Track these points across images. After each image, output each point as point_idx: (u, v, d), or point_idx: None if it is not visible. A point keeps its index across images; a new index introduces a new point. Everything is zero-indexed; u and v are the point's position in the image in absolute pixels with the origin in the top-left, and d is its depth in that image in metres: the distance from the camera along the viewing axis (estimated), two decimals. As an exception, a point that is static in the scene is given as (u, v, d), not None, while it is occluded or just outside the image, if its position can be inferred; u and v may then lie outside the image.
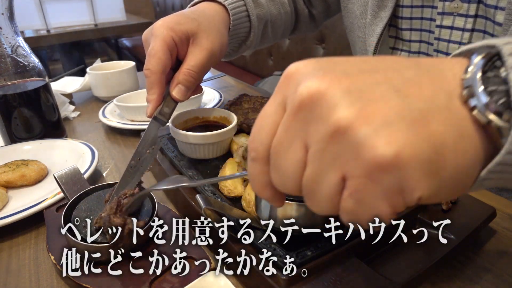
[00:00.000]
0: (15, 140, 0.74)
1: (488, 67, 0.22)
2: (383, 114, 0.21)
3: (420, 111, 0.21)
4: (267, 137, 0.25)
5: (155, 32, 0.51)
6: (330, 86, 0.22)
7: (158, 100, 0.51)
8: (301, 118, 0.23)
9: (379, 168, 0.21)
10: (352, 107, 0.21)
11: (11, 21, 0.68)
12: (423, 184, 0.21)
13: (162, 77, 0.51)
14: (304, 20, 0.82)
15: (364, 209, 0.23)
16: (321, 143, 0.22)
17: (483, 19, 0.54)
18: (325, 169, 0.23)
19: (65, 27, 2.62)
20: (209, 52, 0.53)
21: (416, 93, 0.22)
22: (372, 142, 0.20)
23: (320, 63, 0.24)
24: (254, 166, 0.27)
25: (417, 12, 0.62)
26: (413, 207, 0.44)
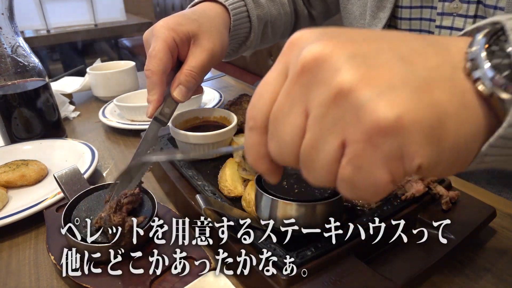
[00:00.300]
0: (15, 140, 0.74)
1: (493, 41, 0.22)
2: (387, 78, 0.21)
3: (424, 79, 0.21)
4: (267, 105, 0.25)
5: (156, 33, 0.51)
6: (334, 50, 0.22)
7: (159, 101, 0.51)
8: (303, 82, 0.23)
9: (380, 132, 0.20)
10: (356, 70, 0.21)
11: (11, 21, 0.68)
12: (424, 151, 0.21)
13: (163, 78, 0.50)
14: (303, 21, 0.83)
15: (363, 176, 0.22)
16: (322, 107, 0.22)
17: (483, 19, 0.54)
18: (324, 135, 0.22)
19: (65, 27, 2.62)
20: (210, 52, 0.53)
21: (421, 62, 0.22)
22: (374, 105, 0.20)
23: (325, 31, 0.24)
24: (251, 136, 0.26)
25: (416, 13, 0.62)
26: (413, 208, 0.44)
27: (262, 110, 0.25)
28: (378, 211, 0.43)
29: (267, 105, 0.25)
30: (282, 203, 0.39)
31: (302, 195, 0.39)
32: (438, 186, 0.46)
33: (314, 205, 0.39)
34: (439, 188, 0.46)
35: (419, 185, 0.45)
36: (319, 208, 0.39)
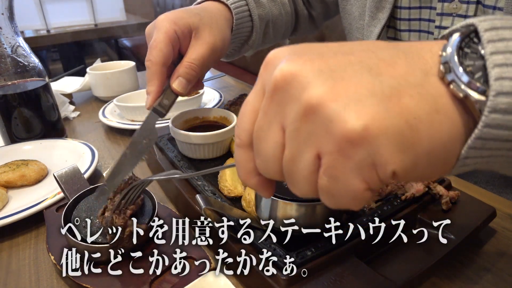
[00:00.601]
0: (15, 140, 0.74)
1: (466, 43, 0.22)
2: (354, 91, 0.21)
3: (391, 88, 0.21)
4: (249, 123, 0.26)
5: (158, 25, 0.51)
6: (303, 67, 0.23)
7: (157, 92, 0.51)
8: (277, 101, 0.24)
9: (349, 143, 0.21)
10: (323, 85, 0.22)
11: (11, 21, 0.68)
12: (395, 158, 0.21)
13: (163, 69, 0.50)
14: (304, 21, 0.83)
15: (339, 186, 0.23)
16: (295, 122, 0.23)
17: None
18: (300, 148, 0.23)
19: (65, 27, 2.62)
20: (211, 46, 0.53)
21: (389, 71, 0.22)
22: (342, 117, 0.21)
23: (296, 48, 0.25)
24: (239, 153, 0.27)
25: (415, 13, 0.62)
26: (413, 208, 0.44)
27: (245, 128, 0.26)
28: (378, 211, 0.43)
29: (249, 123, 0.26)
30: (282, 203, 0.39)
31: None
32: (438, 186, 0.46)
33: (314, 205, 0.39)
34: (439, 188, 0.46)
35: (419, 185, 0.45)
36: (319, 208, 0.39)
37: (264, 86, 0.25)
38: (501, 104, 0.20)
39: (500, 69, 0.20)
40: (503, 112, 0.20)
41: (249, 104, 0.27)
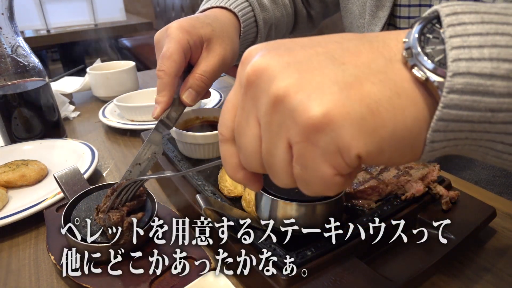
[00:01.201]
0: (15, 140, 0.74)
1: (428, 29, 0.23)
2: (317, 81, 0.22)
3: (354, 76, 0.22)
4: (230, 119, 0.27)
5: (170, 34, 0.50)
6: (271, 61, 0.24)
7: (168, 103, 0.50)
8: (251, 95, 0.25)
9: (312, 129, 0.22)
10: (289, 77, 0.23)
11: (11, 21, 0.68)
12: (358, 142, 0.22)
13: (175, 80, 0.50)
14: (302, 21, 0.83)
15: (310, 173, 0.24)
16: (266, 115, 0.24)
17: None
18: (274, 140, 0.24)
19: (65, 27, 2.62)
20: (222, 58, 0.53)
21: (353, 61, 0.23)
22: (305, 105, 0.22)
23: (268, 44, 0.26)
24: (224, 149, 0.28)
25: (414, 11, 0.63)
26: (413, 208, 0.44)
27: (226, 124, 0.28)
28: (378, 211, 0.43)
29: (230, 120, 0.27)
30: (282, 203, 0.39)
31: (302, 195, 0.39)
32: (438, 186, 0.46)
33: (314, 205, 0.39)
34: (439, 188, 0.46)
35: (419, 185, 0.45)
36: (319, 208, 0.39)
37: (241, 83, 0.26)
38: (458, 84, 0.21)
39: (457, 51, 0.21)
40: (460, 92, 0.21)
41: (229, 101, 0.28)
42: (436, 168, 0.47)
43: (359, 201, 0.46)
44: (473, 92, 0.21)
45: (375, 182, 0.46)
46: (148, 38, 3.35)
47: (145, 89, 0.98)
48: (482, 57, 0.21)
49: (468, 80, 0.21)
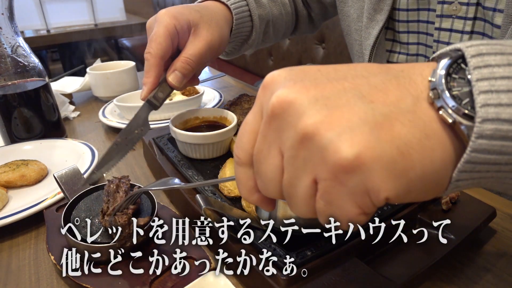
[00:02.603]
0: (15, 140, 0.74)
1: (454, 69, 0.23)
2: (347, 119, 0.22)
3: (383, 115, 0.22)
4: (248, 143, 0.27)
5: (158, 19, 0.53)
6: (299, 94, 0.23)
7: (153, 83, 0.52)
8: (275, 126, 0.25)
9: (342, 170, 0.22)
10: (318, 114, 0.22)
11: (11, 21, 0.68)
12: (388, 185, 0.22)
13: (161, 62, 0.51)
14: (303, 22, 0.83)
15: (334, 209, 0.24)
16: (292, 149, 0.24)
17: (482, 21, 0.54)
18: (298, 174, 0.24)
19: (65, 27, 2.62)
20: (208, 43, 0.54)
21: (381, 99, 0.23)
22: (335, 145, 0.22)
23: (292, 72, 0.25)
24: (240, 171, 0.28)
25: (413, 15, 0.63)
26: (413, 208, 0.44)
27: (245, 148, 0.27)
28: (378, 211, 0.43)
29: (248, 144, 0.27)
30: (282, 203, 0.39)
31: None
32: (438, 186, 0.46)
33: (314, 205, 0.39)
34: (439, 188, 0.45)
35: (419, 185, 0.45)
36: (319, 208, 0.39)
37: (262, 109, 0.26)
38: (487, 130, 0.21)
39: (485, 96, 0.21)
40: (489, 138, 0.21)
41: (248, 125, 0.27)
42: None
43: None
44: (503, 137, 0.21)
45: (375, 182, 0.46)
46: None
47: (145, 89, 0.98)
48: (511, 102, 0.20)
49: (498, 126, 0.21)
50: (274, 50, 2.49)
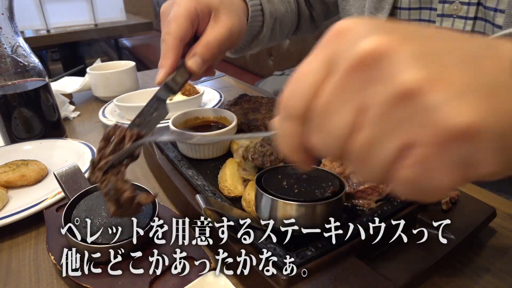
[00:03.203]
0: (15, 140, 0.74)
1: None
2: (458, 81, 0.20)
3: (491, 84, 0.20)
4: (308, 95, 0.24)
5: (177, 1, 0.50)
6: (397, 45, 0.20)
7: (172, 67, 0.49)
8: (360, 78, 0.21)
9: (451, 138, 0.19)
10: (423, 70, 0.20)
11: (11, 21, 0.68)
12: (492, 160, 0.20)
13: (180, 44, 0.49)
14: (305, 21, 0.83)
15: (424, 179, 0.21)
16: (383, 106, 0.21)
17: (483, 21, 0.54)
18: (385, 134, 0.21)
19: (65, 27, 2.62)
20: (229, 29, 0.52)
21: (487, 66, 0.21)
22: (446, 109, 0.19)
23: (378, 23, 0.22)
24: (288, 125, 0.25)
25: (415, 14, 0.63)
26: (413, 208, 0.44)
27: (302, 100, 0.24)
28: (378, 211, 0.43)
29: (308, 95, 0.24)
30: (282, 203, 0.39)
31: (302, 195, 0.39)
32: (438, 186, 0.46)
33: (314, 205, 0.39)
34: (439, 188, 0.45)
35: (419, 185, 0.45)
36: (319, 208, 0.39)
37: (334, 58, 0.23)
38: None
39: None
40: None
41: (310, 73, 0.24)
42: (436, 168, 0.47)
43: (359, 201, 0.46)
44: None
45: (375, 182, 0.46)
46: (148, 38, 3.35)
47: (145, 89, 0.98)
48: None
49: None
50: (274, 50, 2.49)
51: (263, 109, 0.69)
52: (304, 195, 0.39)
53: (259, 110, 0.68)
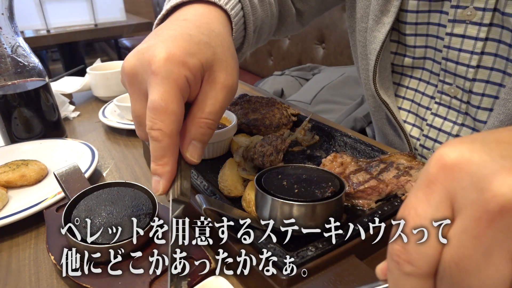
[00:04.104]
0: (15, 140, 0.74)
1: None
2: None
3: None
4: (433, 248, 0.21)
5: (159, 71, 0.35)
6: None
7: (173, 172, 0.38)
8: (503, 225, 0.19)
9: None
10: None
11: (11, 21, 0.68)
12: None
13: (177, 140, 0.37)
14: (290, 21, 0.77)
15: None
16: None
17: (499, 28, 0.52)
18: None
19: (65, 27, 2.62)
20: (229, 89, 0.40)
21: None
22: None
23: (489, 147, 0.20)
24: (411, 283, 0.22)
25: (423, 17, 0.61)
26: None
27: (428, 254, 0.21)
28: (378, 211, 0.43)
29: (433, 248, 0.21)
30: (282, 203, 0.39)
31: (302, 195, 0.40)
32: (438, 186, 0.46)
33: (314, 205, 0.39)
34: (439, 188, 0.45)
35: (419, 185, 0.45)
36: (319, 208, 0.39)
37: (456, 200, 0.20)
38: None
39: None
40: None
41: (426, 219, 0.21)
42: (436, 168, 0.47)
43: (359, 201, 0.46)
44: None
45: (375, 182, 0.46)
46: (148, 38, 3.35)
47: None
48: None
49: None
50: (274, 50, 2.49)
51: (263, 109, 0.69)
52: (304, 195, 0.39)
53: (259, 110, 0.68)
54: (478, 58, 0.56)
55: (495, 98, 0.57)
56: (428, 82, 0.68)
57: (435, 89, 0.66)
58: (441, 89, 0.65)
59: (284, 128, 0.67)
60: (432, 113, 0.67)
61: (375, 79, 0.67)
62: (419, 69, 0.68)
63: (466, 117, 0.63)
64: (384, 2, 0.61)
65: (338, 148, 0.62)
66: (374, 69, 0.66)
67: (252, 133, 0.65)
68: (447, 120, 0.66)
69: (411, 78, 0.70)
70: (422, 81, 0.69)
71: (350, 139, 0.61)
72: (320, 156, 0.59)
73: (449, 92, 0.63)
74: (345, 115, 1.42)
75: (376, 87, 0.67)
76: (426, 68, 0.67)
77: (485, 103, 0.58)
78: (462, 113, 0.63)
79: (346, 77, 1.67)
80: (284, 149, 0.55)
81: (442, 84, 0.64)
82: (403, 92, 0.72)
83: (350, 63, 1.87)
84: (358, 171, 0.48)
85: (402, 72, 0.71)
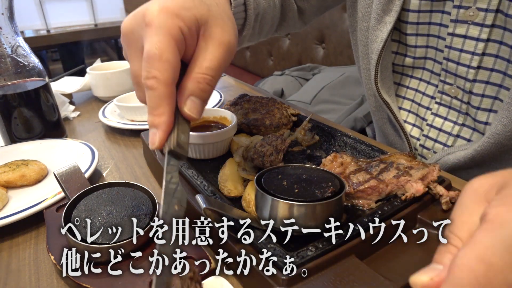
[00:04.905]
0: (15, 140, 0.74)
1: None
2: None
3: None
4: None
5: (152, 22, 0.36)
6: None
7: (169, 125, 0.36)
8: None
9: None
10: None
11: (11, 21, 0.68)
12: None
13: (174, 89, 0.36)
14: (292, 17, 0.77)
15: None
16: None
17: (501, 29, 0.52)
18: None
19: (65, 27, 2.62)
20: (227, 46, 0.39)
21: None
22: None
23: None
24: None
25: (424, 17, 0.61)
26: (413, 208, 0.44)
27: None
28: (378, 211, 0.43)
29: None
30: (282, 203, 0.39)
31: (302, 195, 0.39)
32: (438, 186, 0.46)
33: (314, 205, 0.39)
34: (439, 188, 0.46)
35: (419, 185, 0.45)
36: (319, 208, 0.39)
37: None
38: None
39: None
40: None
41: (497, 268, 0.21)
42: (436, 168, 0.47)
43: (359, 201, 0.46)
44: None
45: (375, 182, 0.46)
46: (148, 38, 3.35)
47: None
48: None
49: None
50: (274, 50, 2.49)
51: (263, 109, 0.69)
52: (304, 195, 0.39)
53: (259, 110, 0.68)
54: (479, 59, 0.56)
55: (494, 99, 0.57)
56: (429, 82, 0.68)
57: (436, 89, 0.66)
58: (441, 89, 0.65)
59: (284, 128, 0.67)
60: (433, 113, 0.67)
61: (377, 78, 0.67)
62: (419, 69, 0.68)
63: (466, 117, 0.63)
64: (387, 1, 0.61)
65: (338, 148, 0.62)
66: (375, 69, 0.66)
67: (252, 133, 0.65)
68: (447, 120, 0.66)
69: (411, 78, 0.70)
70: (422, 81, 0.69)
71: (350, 139, 0.61)
72: (320, 156, 0.60)
73: (450, 92, 0.63)
74: (345, 115, 1.42)
75: (377, 87, 0.67)
76: (427, 68, 0.67)
77: (485, 103, 0.58)
78: (462, 113, 0.63)
79: (346, 77, 1.67)
80: (284, 149, 0.55)
81: (442, 84, 0.64)
82: (403, 92, 0.72)
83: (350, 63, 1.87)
84: (358, 171, 0.48)
85: (403, 72, 0.71)
